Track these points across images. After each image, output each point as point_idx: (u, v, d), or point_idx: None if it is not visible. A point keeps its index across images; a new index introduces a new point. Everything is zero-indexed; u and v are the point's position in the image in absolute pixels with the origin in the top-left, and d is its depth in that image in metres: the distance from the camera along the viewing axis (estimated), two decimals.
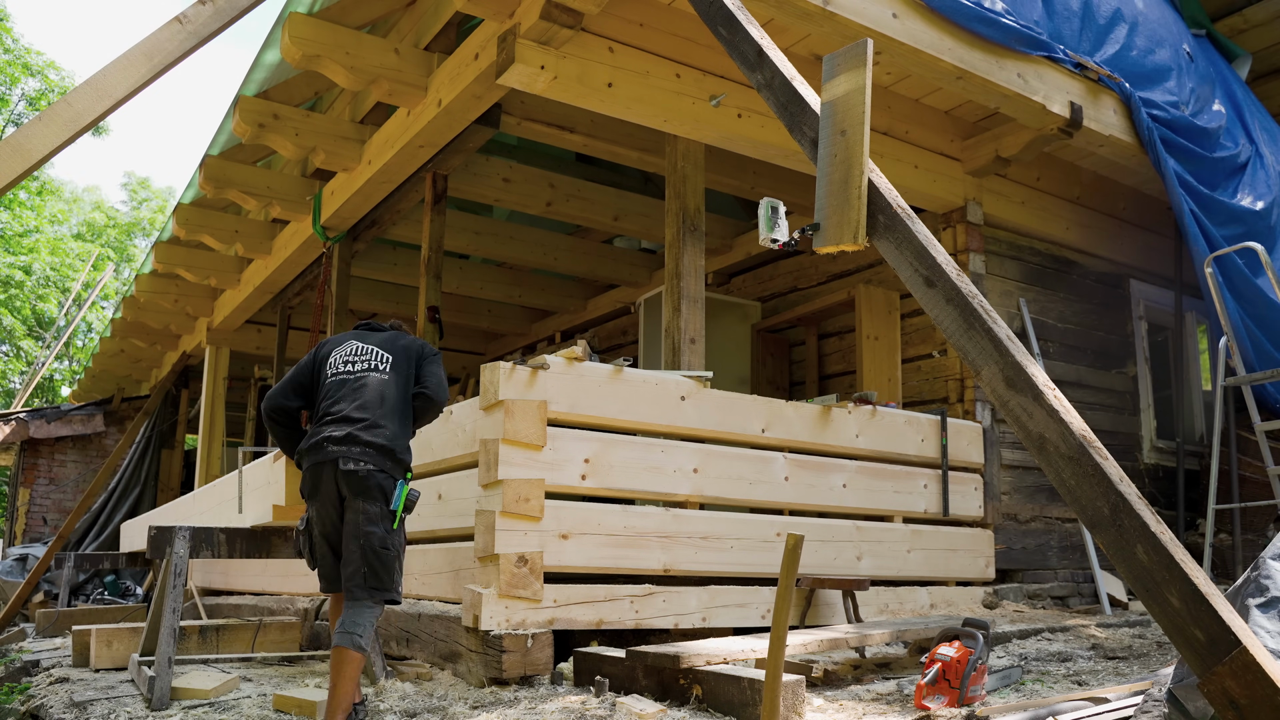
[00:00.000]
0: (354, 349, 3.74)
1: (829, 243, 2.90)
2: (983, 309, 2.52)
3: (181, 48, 3.67)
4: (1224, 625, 1.96)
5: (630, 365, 4.72)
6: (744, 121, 5.38)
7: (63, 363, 26.05)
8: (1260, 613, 2.54)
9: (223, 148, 7.02)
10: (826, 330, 7.72)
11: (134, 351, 12.50)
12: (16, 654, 6.92)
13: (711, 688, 3.54)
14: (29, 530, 13.25)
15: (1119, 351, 7.26)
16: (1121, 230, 7.39)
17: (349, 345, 3.77)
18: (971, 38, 5.22)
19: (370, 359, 3.69)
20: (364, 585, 3.37)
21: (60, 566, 9.72)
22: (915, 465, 5.73)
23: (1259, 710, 1.90)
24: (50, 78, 22.19)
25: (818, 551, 5.15)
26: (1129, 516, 2.14)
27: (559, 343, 10.56)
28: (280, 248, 8.22)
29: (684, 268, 5.31)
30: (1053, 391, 2.34)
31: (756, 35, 3.24)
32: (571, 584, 4.36)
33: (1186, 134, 6.27)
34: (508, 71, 4.70)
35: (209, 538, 4.29)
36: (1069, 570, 6.51)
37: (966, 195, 6.39)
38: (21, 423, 13.12)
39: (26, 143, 3.34)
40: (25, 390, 19.48)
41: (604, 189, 7.80)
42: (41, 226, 23.55)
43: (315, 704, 3.61)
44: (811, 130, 3.03)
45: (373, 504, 3.43)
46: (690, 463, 4.82)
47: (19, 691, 5.23)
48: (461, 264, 9.58)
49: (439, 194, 6.52)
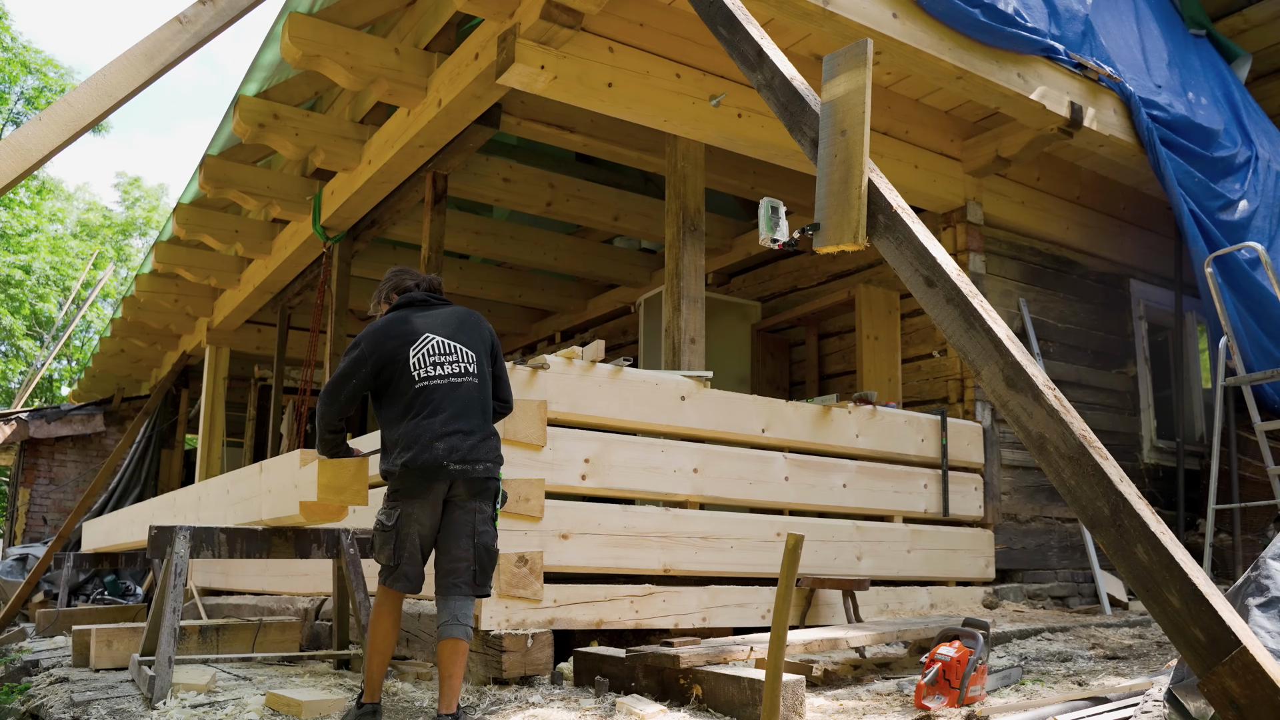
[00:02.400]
0: (437, 347, 3.55)
1: (829, 243, 2.90)
2: (983, 309, 2.52)
3: (182, 48, 3.67)
4: (1224, 625, 1.96)
5: (630, 365, 4.72)
6: (744, 121, 5.38)
7: (63, 363, 26.05)
8: (1260, 613, 2.55)
9: (223, 147, 7.02)
10: (826, 330, 7.72)
11: (134, 351, 12.49)
12: (16, 654, 6.92)
13: (711, 688, 3.54)
14: (29, 530, 13.25)
15: (1119, 351, 7.26)
16: (1121, 230, 7.39)
17: (429, 343, 3.55)
18: (971, 37, 5.22)
19: (459, 360, 3.54)
20: (473, 581, 3.44)
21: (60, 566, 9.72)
22: (915, 465, 5.73)
23: (1259, 710, 1.90)
24: (49, 75, 22.20)
25: (818, 551, 5.15)
26: (1129, 516, 2.14)
27: (559, 343, 10.55)
28: (280, 248, 8.22)
29: (684, 268, 5.31)
30: (1053, 391, 2.34)
31: (756, 35, 3.24)
32: (571, 584, 4.36)
33: (1186, 134, 6.27)
34: (508, 71, 4.70)
35: (209, 538, 4.28)
36: (1069, 570, 6.51)
37: (966, 195, 6.39)
38: (21, 423, 13.12)
39: (26, 143, 3.34)
40: (25, 390, 19.49)
41: (604, 189, 7.80)
42: (41, 226, 23.55)
43: (302, 703, 3.61)
44: (811, 130, 3.03)
45: (489, 505, 3.50)
46: (690, 463, 4.82)
47: (19, 691, 5.23)
48: (461, 264, 9.58)
49: (439, 194, 6.52)
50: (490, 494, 3.50)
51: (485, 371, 3.61)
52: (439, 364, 3.52)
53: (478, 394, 3.54)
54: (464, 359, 3.55)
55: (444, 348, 3.56)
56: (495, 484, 3.52)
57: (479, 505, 3.46)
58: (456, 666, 3.34)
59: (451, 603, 3.41)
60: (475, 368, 3.56)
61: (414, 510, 3.44)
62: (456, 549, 3.44)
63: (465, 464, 3.40)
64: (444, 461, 3.38)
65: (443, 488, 3.43)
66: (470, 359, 3.56)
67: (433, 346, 3.55)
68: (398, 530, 3.44)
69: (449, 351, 3.55)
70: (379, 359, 3.53)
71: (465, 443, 3.42)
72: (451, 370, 3.52)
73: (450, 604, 3.41)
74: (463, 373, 3.52)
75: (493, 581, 3.56)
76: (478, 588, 3.46)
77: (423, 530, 3.46)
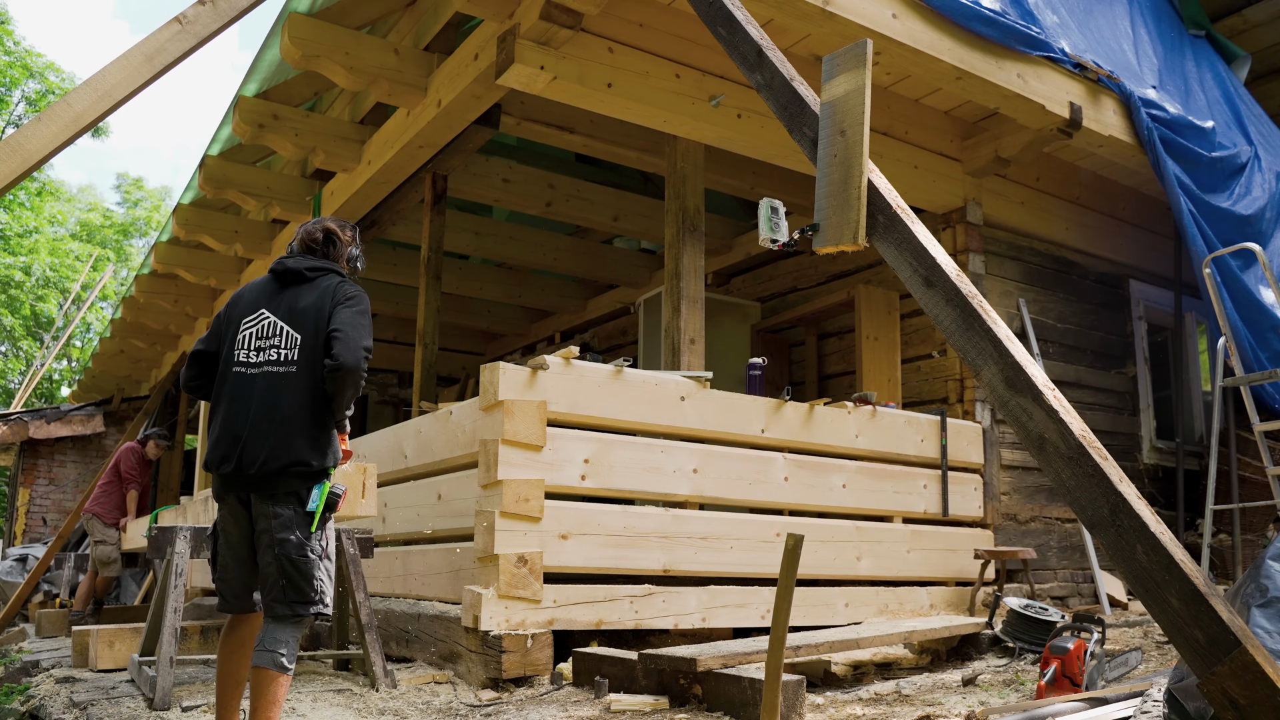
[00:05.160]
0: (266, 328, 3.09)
1: (829, 243, 2.91)
2: (982, 309, 2.52)
3: (181, 48, 3.67)
4: (1224, 625, 1.96)
5: (630, 365, 4.73)
6: (744, 121, 5.38)
7: (63, 363, 26.04)
8: (1260, 613, 2.55)
9: (222, 148, 7.02)
10: (826, 330, 7.72)
11: (134, 352, 12.49)
12: (16, 654, 6.92)
13: (711, 688, 3.54)
14: (29, 530, 13.25)
15: (1119, 351, 7.26)
16: (1121, 230, 7.39)
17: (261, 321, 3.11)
18: (971, 38, 5.22)
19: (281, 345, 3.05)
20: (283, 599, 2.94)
21: (60, 566, 9.71)
22: (915, 465, 5.74)
23: (1259, 710, 1.90)
24: (50, 79, 22.19)
25: (818, 551, 5.15)
26: (1129, 517, 2.14)
27: (559, 343, 10.55)
28: (280, 248, 8.22)
29: (684, 268, 5.31)
30: (1053, 392, 2.34)
31: (756, 36, 3.24)
32: (571, 584, 4.36)
33: (1186, 134, 6.27)
34: (507, 72, 4.70)
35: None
36: (1069, 570, 6.51)
37: (966, 195, 6.39)
38: (21, 423, 13.11)
39: (26, 143, 3.34)
40: (25, 390, 19.46)
41: (604, 189, 7.80)
42: (41, 227, 23.54)
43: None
44: (811, 130, 3.03)
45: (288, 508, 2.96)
46: (690, 463, 4.82)
47: (19, 691, 5.23)
48: (461, 264, 9.58)
49: (439, 194, 6.52)
50: (288, 497, 2.95)
51: (314, 355, 3.04)
52: (260, 349, 3.06)
53: (290, 384, 2.99)
54: (287, 343, 3.04)
55: (271, 329, 3.08)
56: (297, 483, 2.95)
57: (276, 510, 2.93)
58: (262, 701, 2.80)
59: (266, 626, 2.94)
60: (297, 354, 3.03)
61: (223, 520, 3.05)
62: (261, 563, 2.97)
63: (255, 466, 2.91)
64: (233, 465, 2.93)
65: (239, 493, 3.00)
66: (293, 342, 3.04)
67: (262, 327, 3.09)
68: (214, 543, 3.10)
69: (274, 334, 3.07)
70: (218, 328, 3.17)
71: (261, 443, 2.92)
72: (268, 358, 3.04)
73: (265, 628, 2.94)
74: (279, 360, 3.02)
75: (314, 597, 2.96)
76: (290, 606, 2.91)
77: (231, 540, 3.04)
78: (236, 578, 3.05)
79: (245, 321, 3.10)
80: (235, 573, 3.05)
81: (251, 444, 2.94)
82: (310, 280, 3.15)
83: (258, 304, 3.13)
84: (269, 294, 3.15)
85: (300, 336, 3.05)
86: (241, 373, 3.06)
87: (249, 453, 2.93)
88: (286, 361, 3.03)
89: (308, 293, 3.12)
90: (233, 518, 3.04)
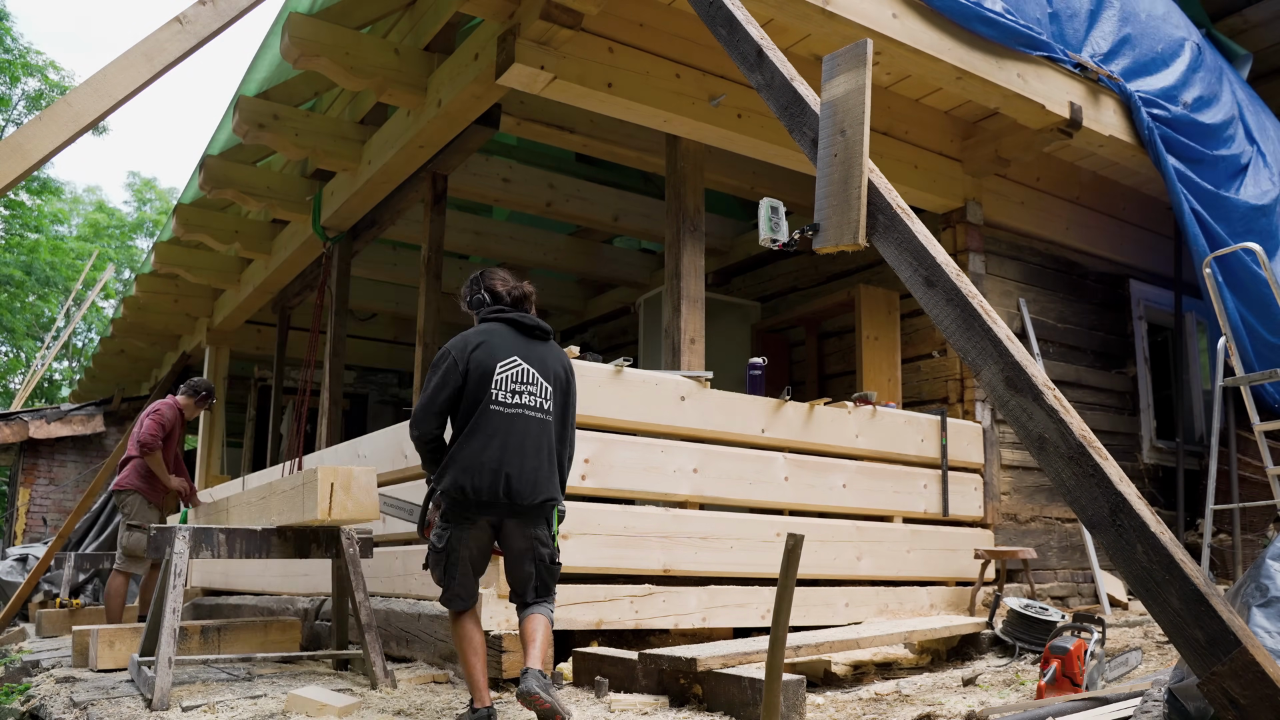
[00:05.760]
0: (521, 374, 3.50)
1: (829, 243, 2.90)
2: (983, 309, 2.52)
3: (181, 48, 3.67)
4: (1224, 625, 1.96)
5: (630, 365, 4.73)
6: (744, 121, 5.38)
7: (63, 363, 26.05)
8: (1260, 613, 2.55)
9: (222, 148, 7.02)
10: (826, 330, 7.72)
11: (134, 352, 12.50)
12: (16, 654, 6.92)
13: (712, 688, 3.54)
14: (29, 530, 13.25)
15: (1119, 351, 7.26)
16: (1121, 230, 7.39)
17: (515, 367, 3.51)
18: (971, 38, 5.22)
19: (537, 394, 3.50)
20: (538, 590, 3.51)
21: (60, 566, 9.73)
22: (915, 465, 5.73)
23: (1259, 710, 1.90)
24: (50, 77, 22.20)
25: (818, 551, 5.15)
26: (1129, 516, 2.14)
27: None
28: (280, 248, 8.22)
29: (684, 268, 5.31)
30: (1053, 392, 2.34)
31: (756, 36, 3.23)
32: (571, 584, 4.36)
33: (1188, 133, 6.27)
34: (507, 72, 4.70)
35: (209, 538, 4.28)
36: (1069, 570, 6.51)
37: (966, 195, 6.39)
38: (21, 423, 13.12)
39: (26, 143, 3.34)
40: (25, 390, 19.47)
41: (604, 189, 7.80)
42: (43, 226, 23.56)
43: (321, 704, 3.61)
44: (811, 130, 3.03)
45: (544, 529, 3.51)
46: (690, 463, 4.82)
47: (19, 691, 5.23)
48: (461, 264, 9.57)
49: (439, 194, 6.52)
50: (542, 521, 3.49)
51: (557, 410, 3.57)
52: (517, 391, 3.47)
53: (543, 430, 3.48)
54: (541, 393, 3.51)
55: (526, 376, 3.51)
56: (550, 507, 3.50)
57: (535, 532, 3.45)
58: (539, 634, 3.39)
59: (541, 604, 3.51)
60: (551, 405, 3.53)
61: (464, 535, 3.42)
62: (520, 570, 3.48)
63: (514, 498, 3.37)
64: (494, 494, 3.35)
65: (491, 518, 3.42)
66: (547, 394, 3.53)
67: (517, 372, 3.50)
68: (448, 554, 3.43)
69: (530, 381, 3.51)
70: (465, 366, 3.46)
71: (519, 478, 3.38)
72: (526, 401, 3.47)
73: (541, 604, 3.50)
74: (536, 407, 3.48)
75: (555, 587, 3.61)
76: (549, 595, 3.53)
77: (473, 554, 3.46)
78: (473, 583, 3.50)
79: (501, 365, 3.49)
80: (472, 579, 3.49)
81: (518, 481, 3.38)
82: (545, 341, 3.67)
83: (510, 351, 3.53)
84: (518, 344, 3.57)
85: (551, 389, 3.56)
86: (499, 411, 3.43)
87: (517, 488, 3.37)
88: (543, 410, 3.51)
89: (546, 350, 3.63)
90: (482, 534, 3.46)
